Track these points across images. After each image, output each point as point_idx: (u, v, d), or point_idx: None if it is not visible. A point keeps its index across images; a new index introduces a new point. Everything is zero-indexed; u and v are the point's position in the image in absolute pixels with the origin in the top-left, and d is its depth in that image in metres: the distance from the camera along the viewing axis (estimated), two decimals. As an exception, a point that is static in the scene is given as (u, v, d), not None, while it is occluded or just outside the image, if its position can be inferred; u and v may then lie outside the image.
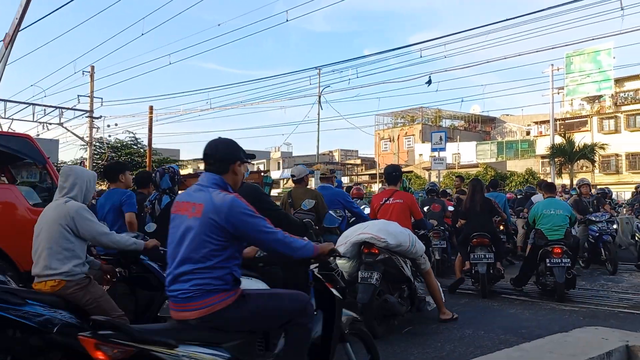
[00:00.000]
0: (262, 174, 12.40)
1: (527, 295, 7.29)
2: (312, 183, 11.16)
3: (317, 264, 3.08)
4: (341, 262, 4.80)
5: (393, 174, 6.23)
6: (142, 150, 33.49)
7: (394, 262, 5.19)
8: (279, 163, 58.24)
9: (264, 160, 60.88)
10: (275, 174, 53.18)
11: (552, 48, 29.88)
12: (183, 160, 42.50)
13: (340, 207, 6.02)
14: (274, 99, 30.26)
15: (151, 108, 24.89)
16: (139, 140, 34.89)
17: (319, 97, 27.51)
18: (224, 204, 2.47)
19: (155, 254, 4.07)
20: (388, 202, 5.94)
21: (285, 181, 43.41)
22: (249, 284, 3.04)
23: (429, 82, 21.61)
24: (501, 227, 9.56)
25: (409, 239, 5.28)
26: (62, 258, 3.41)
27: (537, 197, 9.86)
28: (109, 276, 4.02)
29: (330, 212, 5.12)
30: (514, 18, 31.17)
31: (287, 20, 20.28)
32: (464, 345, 4.88)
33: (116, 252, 3.98)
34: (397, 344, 4.94)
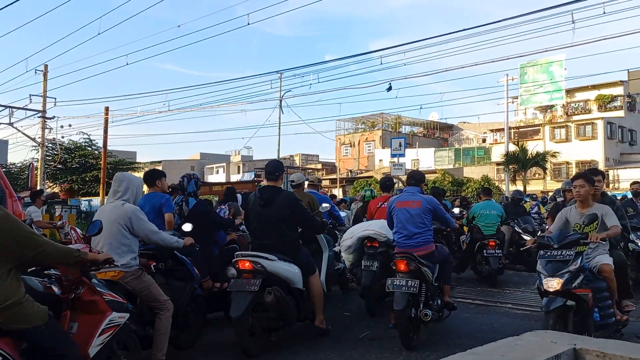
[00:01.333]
0: (255, 183, 12.53)
1: (481, 299, 7.45)
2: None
3: None
4: (345, 254, 6.35)
5: (387, 183, 7.39)
6: (96, 152, 32.67)
7: (391, 255, 5.63)
8: (239, 167, 57.78)
9: (224, 164, 60.28)
10: (235, 178, 52.69)
11: (507, 58, 30.92)
12: (139, 163, 41.60)
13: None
14: (235, 102, 30.09)
15: (107, 109, 24.30)
16: (93, 142, 34.03)
17: (280, 101, 27.46)
18: None
19: (190, 250, 4.91)
20: (383, 206, 6.74)
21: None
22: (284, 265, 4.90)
23: (389, 88, 21.88)
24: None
25: None
26: (120, 252, 3.93)
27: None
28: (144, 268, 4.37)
29: (320, 210, 6.28)
30: (471, 28, 32.04)
31: (248, 24, 20.24)
32: (419, 350, 4.93)
33: (154, 247, 4.45)
34: (354, 349, 4.96)
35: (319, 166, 55.89)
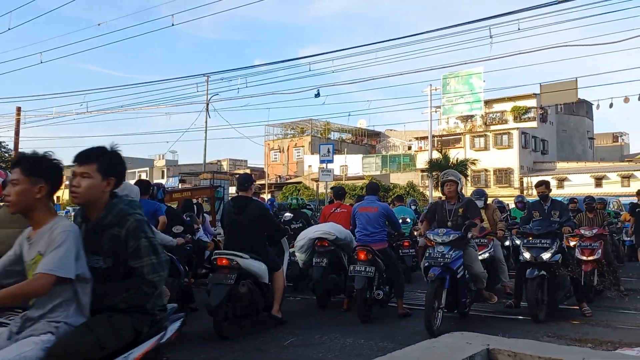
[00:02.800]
0: (214, 188, 12.49)
1: (406, 303, 7.59)
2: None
3: None
4: (299, 253, 7.17)
5: (340, 192, 8.42)
6: (7, 155, 30.70)
7: (338, 253, 7.05)
8: (163, 171, 56.19)
9: (147, 169, 58.35)
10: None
11: (431, 69, 31.95)
12: (57, 167, 39.36)
13: None
14: (159, 104, 29.20)
15: (18, 109, 22.96)
16: (3, 145, 31.95)
17: (207, 104, 26.97)
18: None
19: (181, 249, 6.12)
20: (337, 211, 7.85)
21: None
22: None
23: (318, 94, 22.10)
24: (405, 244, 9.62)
25: (348, 236, 7.07)
26: None
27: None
28: None
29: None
30: (396, 39, 33.04)
31: (172, 25, 19.65)
32: (345, 355, 4.95)
33: None
34: (278, 356, 4.90)
35: (247, 171, 55.40)
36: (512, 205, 13.15)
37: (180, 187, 31.94)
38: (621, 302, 7.55)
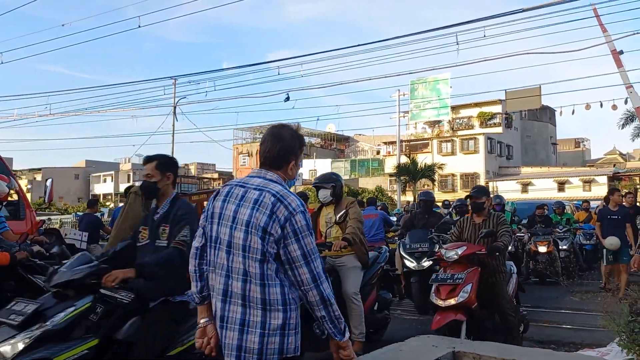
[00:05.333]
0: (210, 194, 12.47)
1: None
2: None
3: None
4: None
5: (301, 198, 8.69)
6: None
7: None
8: (129, 175, 55.21)
9: (112, 173, 57.25)
10: (125, 187, 50.10)
11: (399, 75, 32.49)
12: (16, 171, 38.22)
13: None
14: (125, 107, 28.59)
15: (-22, 110, 22.12)
16: (-38, 146, 30.80)
17: (174, 107, 26.63)
18: None
19: None
20: None
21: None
22: None
23: (287, 99, 22.08)
24: None
25: None
26: None
27: None
28: None
29: None
30: (365, 44, 33.23)
31: (139, 26, 19.40)
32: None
33: None
34: None
35: (216, 175, 54.90)
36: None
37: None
38: (583, 304, 7.75)
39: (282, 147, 2.31)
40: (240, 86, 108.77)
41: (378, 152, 50.67)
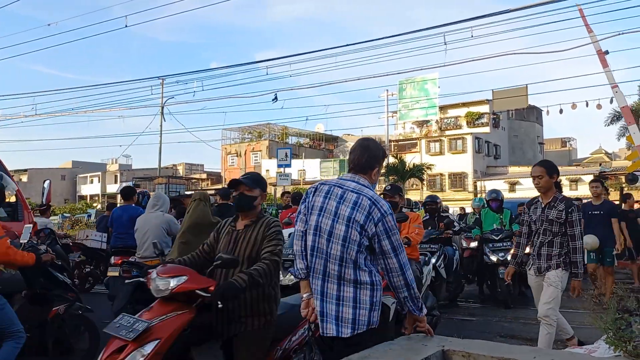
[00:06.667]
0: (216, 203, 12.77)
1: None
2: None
3: None
4: None
5: (297, 198, 8.85)
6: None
7: None
8: (116, 176, 54.84)
9: (99, 173, 56.80)
10: (112, 188, 49.85)
11: (387, 75, 32.61)
12: (3, 171, 37.68)
13: None
14: (112, 107, 28.40)
15: (-38, 111, 21.83)
16: (-54, 147, 30.41)
17: (162, 107, 26.48)
18: None
19: None
20: (292, 216, 8.05)
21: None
22: None
23: (275, 99, 22.10)
24: None
25: None
26: (163, 246, 5.32)
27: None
28: None
29: None
30: (354, 44, 33.32)
31: (126, 26, 19.29)
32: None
33: None
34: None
35: (204, 176, 54.65)
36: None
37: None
38: (570, 301, 7.81)
39: (368, 155, 2.77)
40: (229, 86, 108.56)
41: (367, 152, 50.63)
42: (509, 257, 7.02)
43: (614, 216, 7.78)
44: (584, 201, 10.77)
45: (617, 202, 10.31)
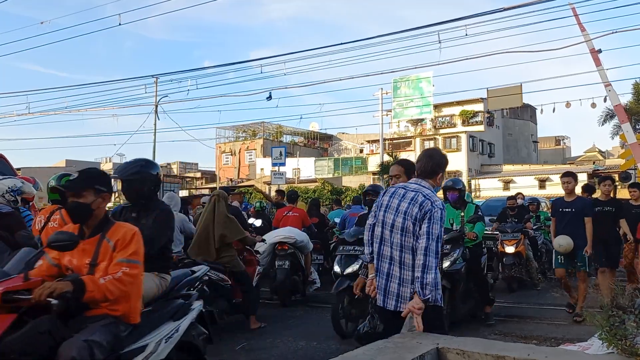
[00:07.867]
0: (242, 194, 13.22)
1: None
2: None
3: None
4: (260, 258, 7.26)
5: (292, 196, 8.98)
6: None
7: (297, 255, 7.63)
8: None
9: (95, 172, 56.29)
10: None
11: (381, 73, 32.49)
12: (-4, 170, 37.47)
13: None
14: (105, 106, 28.23)
15: (-45, 109, 21.66)
16: (-62, 146, 30.21)
17: (156, 106, 26.35)
18: None
19: None
20: (289, 214, 8.35)
21: (115, 194, 40.51)
22: None
23: (269, 97, 21.95)
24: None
25: (305, 238, 7.75)
26: (176, 243, 5.87)
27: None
28: None
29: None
30: (348, 42, 33.33)
31: (119, 24, 19.11)
32: (298, 358, 4.91)
33: None
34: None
35: (198, 174, 54.49)
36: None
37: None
38: (565, 299, 7.85)
39: (434, 163, 3.19)
40: (223, 85, 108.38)
41: (361, 151, 50.71)
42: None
43: (587, 215, 6.62)
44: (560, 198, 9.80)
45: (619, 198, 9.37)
